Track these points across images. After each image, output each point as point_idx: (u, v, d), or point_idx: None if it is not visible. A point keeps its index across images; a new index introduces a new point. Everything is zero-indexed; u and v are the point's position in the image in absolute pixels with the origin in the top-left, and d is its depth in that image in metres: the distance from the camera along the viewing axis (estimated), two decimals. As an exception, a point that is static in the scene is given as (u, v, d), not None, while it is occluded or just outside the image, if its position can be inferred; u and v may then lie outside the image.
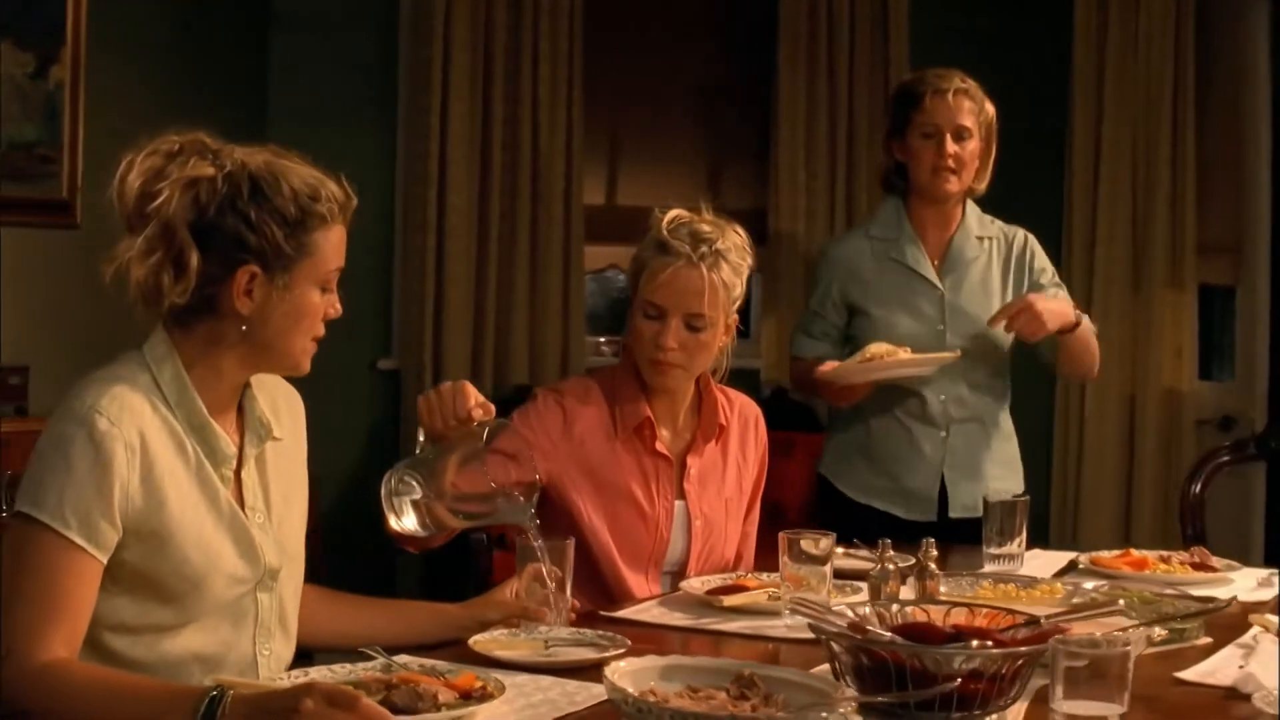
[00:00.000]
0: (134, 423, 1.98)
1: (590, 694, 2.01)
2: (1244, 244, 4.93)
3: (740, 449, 2.97)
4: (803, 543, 2.43)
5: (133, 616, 2.01)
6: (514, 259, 5.03)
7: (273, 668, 2.12)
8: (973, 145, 3.53)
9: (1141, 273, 5.08)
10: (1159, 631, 2.17)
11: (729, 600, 2.53)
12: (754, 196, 5.37)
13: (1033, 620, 1.96)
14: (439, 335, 4.89)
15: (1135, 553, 2.91)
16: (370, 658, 2.09)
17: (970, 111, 3.53)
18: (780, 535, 2.46)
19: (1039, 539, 5.22)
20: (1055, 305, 3.43)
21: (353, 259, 2.15)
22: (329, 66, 5.32)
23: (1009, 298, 3.55)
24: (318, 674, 2.02)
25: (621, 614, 2.55)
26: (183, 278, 2.01)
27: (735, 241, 2.79)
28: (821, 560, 2.42)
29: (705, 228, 2.78)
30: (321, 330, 2.12)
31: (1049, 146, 5.29)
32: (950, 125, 3.50)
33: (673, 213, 2.83)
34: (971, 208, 3.66)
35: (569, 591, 2.40)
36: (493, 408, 2.27)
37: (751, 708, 1.81)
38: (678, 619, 2.52)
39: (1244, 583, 2.82)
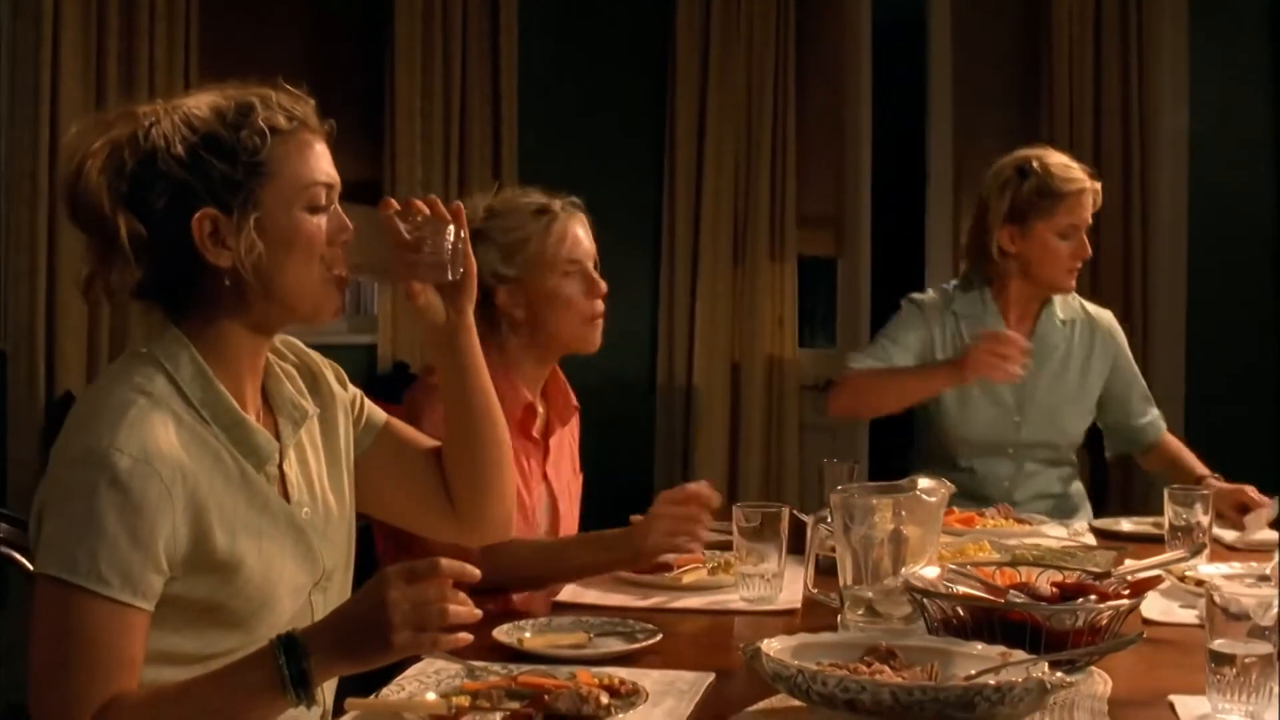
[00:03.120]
0: (162, 449, 1.72)
1: (687, 682, 1.95)
2: (844, 217, 5.30)
3: (572, 427, 2.93)
4: (758, 515, 2.45)
5: (196, 648, 1.79)
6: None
7: None
8: None
9: (744, 246, 5.34)
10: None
11: (688, 578, 2.51)
12: (366, 168, 5.21)
13: (1102, 574, 2.10)
14: (52, 315, 4.42)
15: (957, 510, 3.10)
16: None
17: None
18: (735, 508, 2.47)
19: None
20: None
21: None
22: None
23: (1087, 387, 3.53)
24: (413, 686, 1.86)
25: (563, 599, 2.47)
26: (131, 253, 1.76)
27: None
28: (775, 533, 2.44)
29: (536, 192, 2.77)
30: (335, 256, 1.83)
31: (651, 122, 5.46)
32: (1085, 224, 3.41)
33: (482, 202, 2.76)
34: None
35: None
36: None
37: (926, 675, 1.83)
38: (628, 599, 2.47)
39: (1056, 532, 3.09)
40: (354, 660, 1.67)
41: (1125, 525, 3.13)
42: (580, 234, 2.73)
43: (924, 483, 2.17)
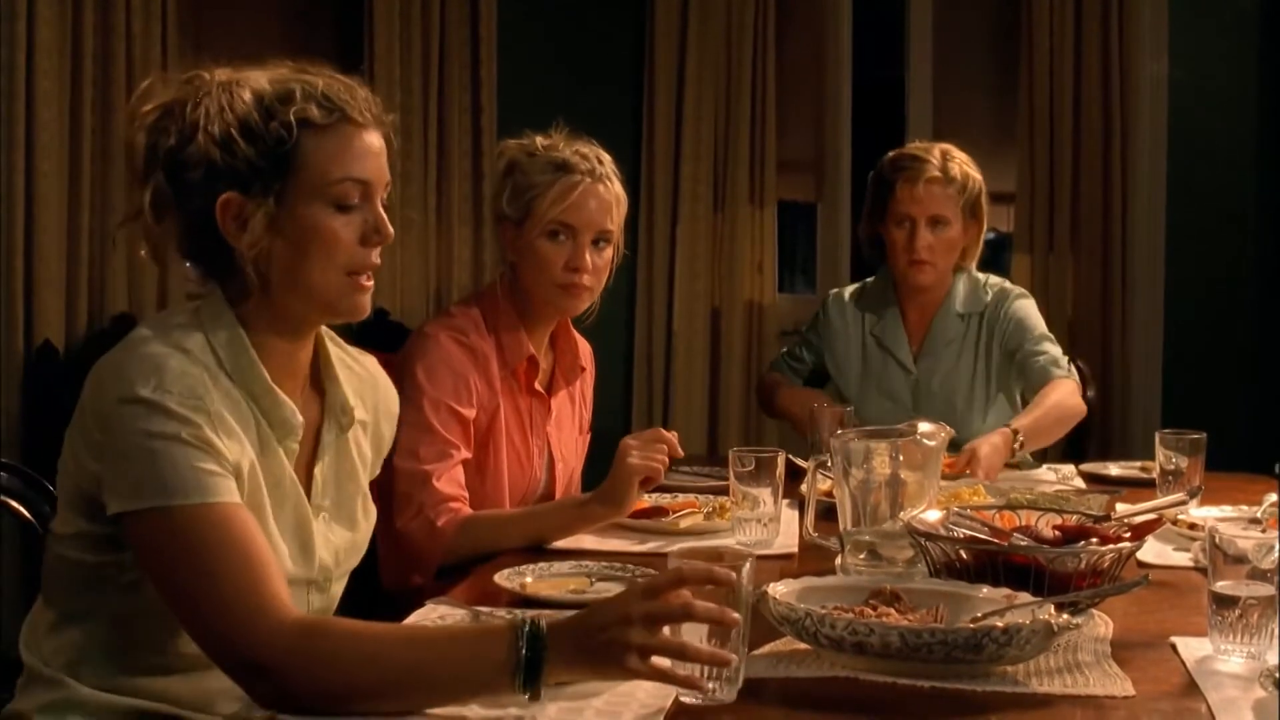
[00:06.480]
0: (201, 394, 1.72)
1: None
2: (825, 162, 5.29)
3: (582, 388, 2.94)
4: (753, 460, 2.45)
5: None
6: (109, 177, 4.58)
7: None
8: (952, 232, 3.40)
9: (723, 190, 5.32)
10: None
11: (684, 522, 2.51)
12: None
13: (1102, 518, 2.11)
14: (30, 266, 4.39)
15: (947, 455, 3.10)
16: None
17: (947, 199, 3.37)
18: (730, 453, 2.47)
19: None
20: (992, 453, 3.02)
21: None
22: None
23: (979, 380, 3.50)
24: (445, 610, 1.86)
25: (559, 544, 2.48)
26: (163, 220, 1.79)
27: (611, 160, 2.75)
28: (771, 478, 2.45)
29: (583, 147, 2.72)
30: (362, 259, 1.82)
31: (630, 67, 5.42)
32: (924, 215, 3.37)
33: (536, 138, 2.74)
34: (964, 280, 3.54)
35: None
36: None
37: (931, 618, 1.84)
38: (624, 545, 2.48)
39: (1046, 476, 3.11)
40: (590, 671, 1.60)
41: (1113, 470, 3.16)
42: (589, 203, 2.66)
43: (924, 427, 2.18)
